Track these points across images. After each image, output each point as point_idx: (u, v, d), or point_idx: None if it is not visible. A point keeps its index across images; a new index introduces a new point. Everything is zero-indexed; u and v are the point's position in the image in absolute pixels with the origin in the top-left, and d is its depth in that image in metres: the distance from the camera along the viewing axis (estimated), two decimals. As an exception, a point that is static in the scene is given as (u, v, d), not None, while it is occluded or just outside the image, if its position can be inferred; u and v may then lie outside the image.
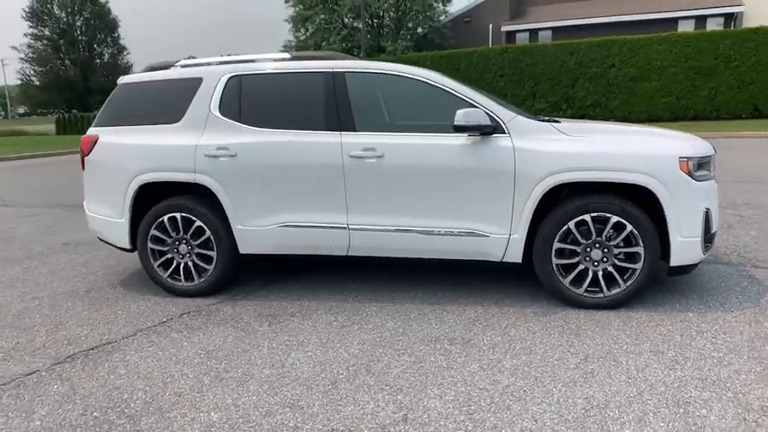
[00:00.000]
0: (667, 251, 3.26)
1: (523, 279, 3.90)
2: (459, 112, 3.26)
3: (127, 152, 3.85)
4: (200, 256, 3.84)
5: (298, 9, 28.27)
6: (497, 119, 3.36)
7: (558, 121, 3.56)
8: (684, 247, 3.24)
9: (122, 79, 4.11)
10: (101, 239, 4.24)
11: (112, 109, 4.03)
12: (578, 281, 3.38)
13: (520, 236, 3.36)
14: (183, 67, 4.01)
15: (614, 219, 3.24)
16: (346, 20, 29.09)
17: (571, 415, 2.28)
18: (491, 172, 3.34)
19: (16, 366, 2.95)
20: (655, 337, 2.97)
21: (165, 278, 3.90)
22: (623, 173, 3.18)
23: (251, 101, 3.74)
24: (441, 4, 29.02)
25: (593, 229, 3.29)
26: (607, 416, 2.26)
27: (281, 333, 3.25)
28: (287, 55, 3.88)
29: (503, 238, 3.39)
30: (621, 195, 3.29)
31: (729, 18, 23.83)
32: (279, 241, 3.70)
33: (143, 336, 3.29)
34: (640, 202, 3.27)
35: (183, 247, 3.85)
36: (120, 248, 4.10)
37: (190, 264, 3.86)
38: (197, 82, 3.83)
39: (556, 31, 27.26)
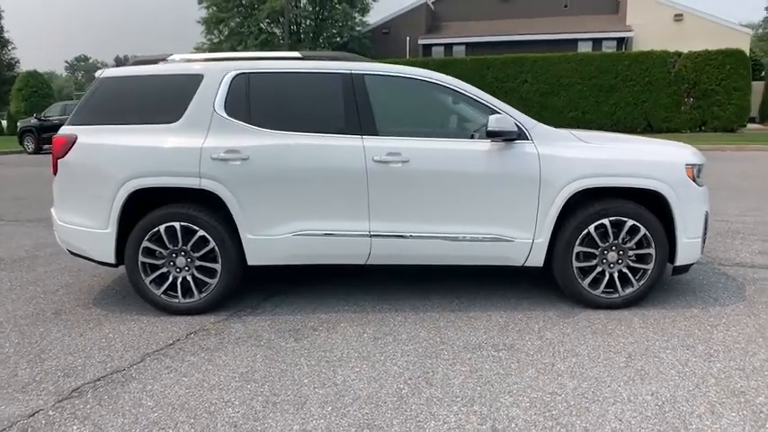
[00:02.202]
0: (673, 252, 3.51)
1: (525, 282, 4.00)
2: (492, 118, 3.28)
3: (115, 154, 3.40)
4: (201, 269, 3.49)
5: (212, 11, 27.02)
6: (521, 125, 3.42)
7: None
8: (689, 247, 3.50)
9: (104, 73, 3.63)
10: (73, 253, 3.70)
11: (93, 105, 3.55)
12: (595, 282, 3.53)
13: (543, 240, 3.44)
14: (177, 62, 3.63)
15: (630, 222, 3.43)
16: (262, 25, 28.33)
17: (649, 412, 2.35)
18: (517, 177, 3.39)
19: (9, 407, 2.47)
20: (678, 333, 3.17)
21: (158, 295, 3.49)
22: (640, 179, 3.38)
23: (261, 101, 3.48)
24: (360, 15, 29.27)
25: (610, 232, 3.46)
26: (682, 410, 2.36)
27: (312, 349, 3.03)
28: (297, 54, 3.67)
29: (527, 242, 3.45)
30: (631, 200, 3.49)
31: (621, 42, 26.53)
32: (293, 251, 3.47)
33: (154, 361, 2.91)
34: (649, 206, 3.49)
35: (181, 260, 3.47)
36: (100, 263, 3.62)
37: (189, 278, 3.49)
38: (197, 78, 3.49)
39: (469, 46, 28.64)
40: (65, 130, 3.55)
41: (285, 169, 3.37)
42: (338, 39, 28.91)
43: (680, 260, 3.52)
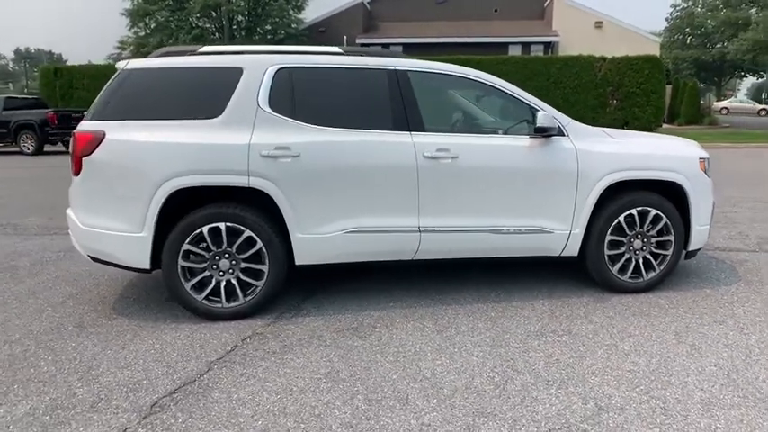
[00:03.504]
0: (687, 238, 3.84)
1: (545, 271, 4.20)
2: (540, 115, 3.43)
3: (152, 152, 3.18)
4: (246, 271, 3.35)
5: (138, 2, 25.43)
6: (559, 122, 3.60)
7: None
8: (700, 233, 3.85)
9: (130, 64, 3.36)
10: (96, 260, 3.41)
11: (120, 99, 3.28)
12: (621, 269, 3.78)
13: (580, 231, 3.64)
14: (213, 54, 3.45)
15: (654, 212, 3.71)
16: (191, 19, 27.08)
17: (722, 380, 2.59)
18: (557, 172, 3.56)
19: (89, 428, 2.26)
20: (705, 311, 3.48)
21: (199, 300, 3.31)
22: (665, 172, 3.68)
23: (306, 96, 3.40)
24: (295, 12, 28.81)
25: (637, 221, 3.72)
26: (747, 377, 2.62)
27: (382, 345, 3.02)
28: (338, 49, 3.61)
29: (565, 233, 3.63)
30: (653, 191, 3.77)
31: (548, 46, 28.10)
32: (344, 249, 3.42)
33: (223, 369, 2.77)
34: (667, 197, 3.80)
35: (225, 263, 3.32)
36: (130, 269, 3.37)
37: (234, 281, 3.34)
38: (236, 72, 3.34)
39: (406, 47, 29.06)
40: (88, 125, 3.26)
41: (336, 166, 3.32)
42: (272, 36, 28.28)
43: (692, 245, 3.86)
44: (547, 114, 3.46)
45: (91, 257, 3.41)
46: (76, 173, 3.27)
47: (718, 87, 45.04)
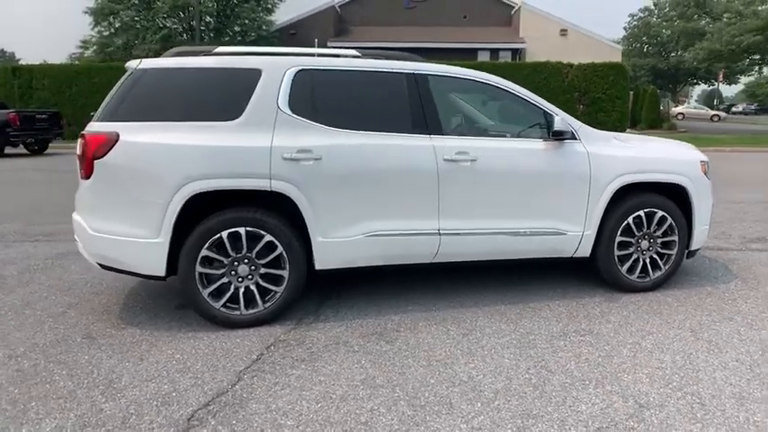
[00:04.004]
0: (689, 238, 3.98)
1: (552, 272, 4.28)
2: (558, 119, 3.49)
3: (169, 154, 3.07)
4: (266, 276, 3.27)
5: (102, 1, 24.51)
6: (571, 126, 3.67)
7: None
8: (701, 234, 4.00)
9: (143, 64, 3.23)
10: (105, 267, 3.25)
11: (134, 100, 3.15)
12: (631, 269, 3.88)
13: (591, 232, 3.72)
14: (229, 55, 3.35)
15: (660, 213, 3.83)
16: (158, 19, 26.32)
17: (747, 375, 2.68)
18: (571, 174, 3.63)
19: (128, 444, 2.15)
20: (712, 308, 3.61)
21: (217, 308, 3.21)
22: (671, 174, 3.80)
23: (326, 98, 3.35)
24: (265, 14, 28.43)
25: (644, 222, 3.83)
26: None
27: (411, 350, 2.99)
28: (356, 53, 3.57)
29: (578, 235, 3.70)
30: (658, 193, 3.89)
31: (515, 52, 28.70)
32: (364, 252, 3.38)
33: (255, 378, 2.68)
34: (672, 198, 3.92)
35: (244, 268, 3.22)
36: (145, 277, 3.23)
37: (253, 287, 3.25)
38: (255, 74, 3.27)
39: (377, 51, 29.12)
40: (100, 126, 3.11)
41: (358, 169, 3.28)
42: (242, 37, 27.83)
43: (694, 245, 4.01)
44: (563, 119, 3.53)
45: (100, 265, 3.25)
46: (87, 176, 3.12)
47: (672, 94, 47.09)
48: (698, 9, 33.60)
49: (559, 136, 3.54)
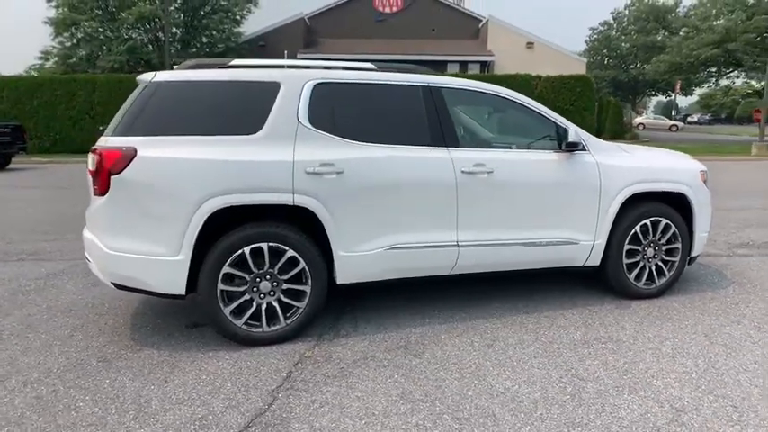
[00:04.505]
0: (690, 245, 4.12)
1: (556, 279, 4.36)
2: (572, 131, 3.58)
3: (191, 170, 2.99)
4: (288, 292, 3.21)
5: (63, 11, 23.76)
6: (581, 137, 3.77)
7: None
8: (701, 241, 4.16)
9: (158, 76, 3.15)
10: (121, 287, 3.13)
11: (150, 114, 3.06)
12: (638, 276, 3.99)
13: (602, 241, 3.81)
14: (245, 67, 3.31)
15: (664, 221, 3.96)
16: (123, 31, 25.72)
17: (769, 377, 2.80)
18: (582, 184, 3.72)
19: (174, 471, 2.06)
20: (719, 313, 3.74)
21: (239, 326, 3.13)
22: (675, 183, 3.94)
23: (344, 111, 3.34)
24: (233, 25, 28.20)
25: (650, 230, 3.95)
26: (788, 372, 2.85)
27: (439, 363, 2.99)
28: (371, 65, 3.58)
29: (589, 244, 3.79)
30: (662, 202, 4.02)
31: (484, 65, 29.31)
32: (386, 266, 3.37)
33: (290, 397, 2.63)
34: (674, 207, 4.06)
35: (266, 285, 3.16)
36: (164, 296, 3.12)
37: (275, 303, 3.19)
38: (273, 87, 3.23)
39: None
40: (115, 141, 3.01)
41: (380, 182, 3.27)
42: (210, 49, 27.51)
43: (695, 252, 4.16)
44: (576, 130, 3.62)
45: (114, 284, 3.13)
46: (102, 192, 3.00)
47: (632, 105, 48.96)
48: (657, 24, 35.15)
49: (573, 147, 3.63)
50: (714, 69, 27.36)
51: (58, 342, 3.29)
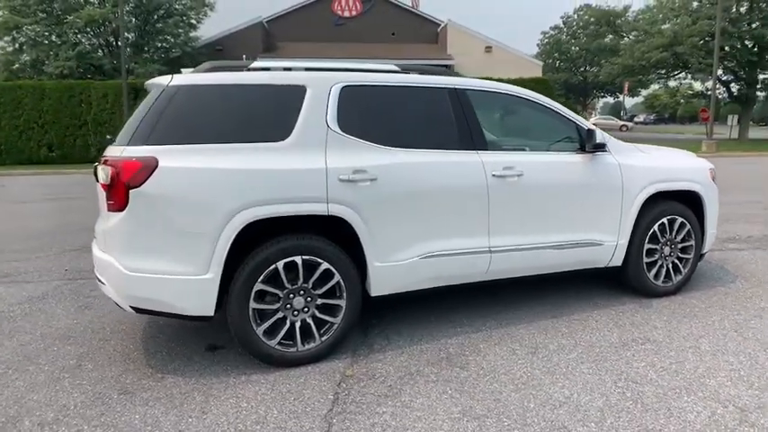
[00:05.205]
0: (702, 242, 4.20)
1: (564, 281, 4.36)
2: (598, 133, 3.56)
3: (220, 181, 2.76)
4: (322, 308, 3.03)
5: (4, 14, 22.29)
6: (602, 138, 3.77)
7: None
8: (711, 237, 4.24)
9: (175, 80, 2.89)
10: (142, 311, 2.85)
11: (169, 121, 2.81)
12: (656, 275, 4.02)
13: (624, 241, 3.82)
14: (266, 69, 3.10)
15: (679, 220, 4.02)
16: (70, 34, 24.39)
17: (812, 370, 2.84)
18: (606, 185, 3.71)
19: None
20: (738, 308, 3.81)
21: (273, 347, 2.92)
22: (689, 182, 4.01)
23: (372, 115, 3.20)
24: (188, 30, 27.30)
25: (667, 229, 4.00)
26: (828, 364, 2.90)
27: (487, 374, 2.88)
28: (395, 67, 3.45)
29: (612, 244, 3.78)
30: (675, 200, 4.08)
31: (444, 68, 29.62)
32: (420, 275, 3.24)
33: (345, 422, 2.45)
34: (687, 205, 4.12)
35: (299, 301, 2.97)
36: (191, 318, 2.87)
37: (309, 320, 3.00)
38: (299, 90, 3.05)
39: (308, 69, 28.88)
40: (133, 151, 2.74)
41: (414, 189, 3.14)
42: (165, 53, 26.52)
43: (706, 248, 4.24)
44: (600, 132, 3.61)
45: (134, 308, 2.85)
46: (119, 208, 2.73)
47: (583, 106, 50.72)
48: (608, 27, 36.58)
49: (600, 149, 3.62)
50: (663, 71, 28.68)
51: (66, 374, 2.98)
